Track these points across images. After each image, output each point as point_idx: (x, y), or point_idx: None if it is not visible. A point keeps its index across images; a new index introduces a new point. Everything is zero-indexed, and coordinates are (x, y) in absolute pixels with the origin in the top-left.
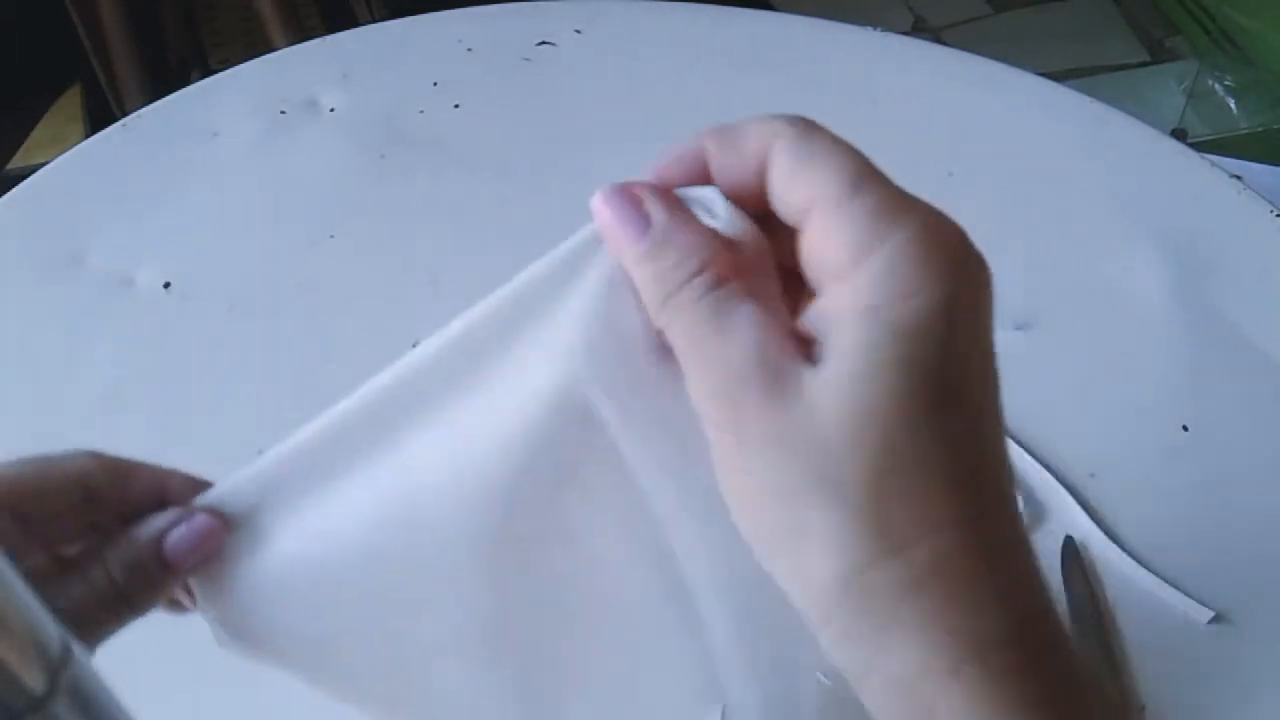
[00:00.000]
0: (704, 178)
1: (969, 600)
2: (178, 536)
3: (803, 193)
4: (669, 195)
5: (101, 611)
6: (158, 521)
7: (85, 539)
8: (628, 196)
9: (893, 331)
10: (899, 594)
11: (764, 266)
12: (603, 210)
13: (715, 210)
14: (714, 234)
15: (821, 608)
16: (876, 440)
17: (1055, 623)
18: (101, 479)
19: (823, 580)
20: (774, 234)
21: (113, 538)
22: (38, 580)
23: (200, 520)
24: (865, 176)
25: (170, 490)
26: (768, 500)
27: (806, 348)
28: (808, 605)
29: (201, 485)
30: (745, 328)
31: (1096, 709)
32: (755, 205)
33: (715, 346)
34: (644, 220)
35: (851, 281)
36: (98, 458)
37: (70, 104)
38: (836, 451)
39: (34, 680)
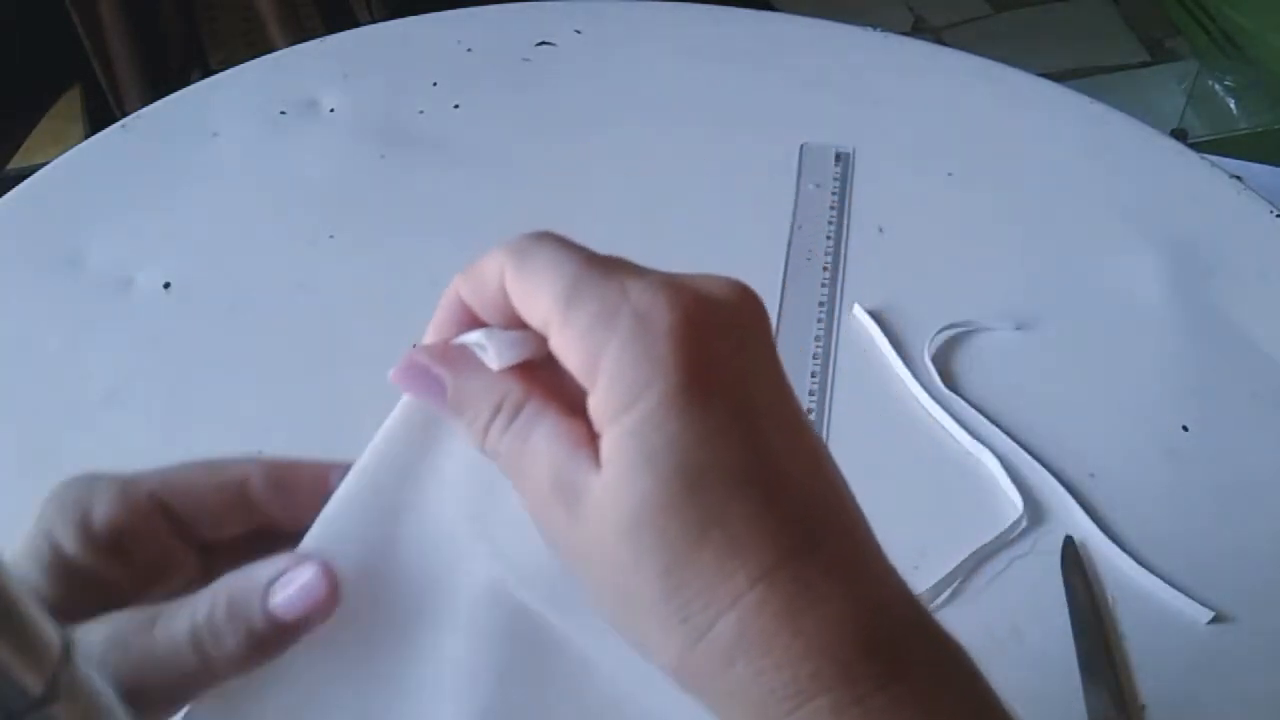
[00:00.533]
0: (472, 319)
1: (783, 655)
2: (283, 594)
3: (533, 319)
4: (448, 352)
5: (198, 665)
6: (273, 565)
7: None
8: (416, 368)
9: (633, 436)
10: (717, 673)
11: (552, 365)
12: (402, 385)
13: (486, 347)
14: (500, 375)
15: (678, 688)
16: (652, 538)
17: (917, 629)
18: (262, 480)
19: (662, 668)
20: None
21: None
22: (188, 582)
23: (307, 577)
24: (576, 288)
25: (334, 485)
26: (602, 601)
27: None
28: (672, 683)
29: None
30: (543, 449)
31: None
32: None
33: (524, 472)
34: (438, 384)
35: (595, 397)
36: (259, 461)
37: (70, 104)
38: (625, 559)
39: (33, 681)
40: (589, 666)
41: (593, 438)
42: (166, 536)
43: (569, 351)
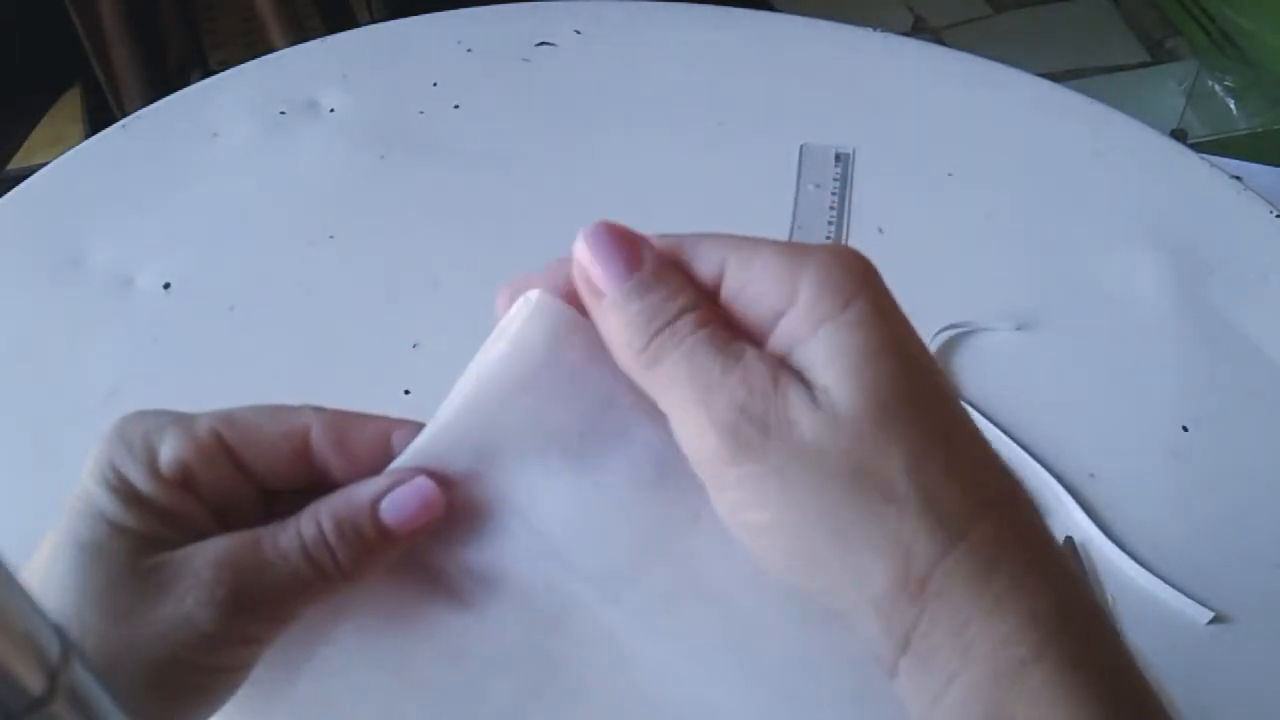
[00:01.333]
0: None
1: (1040, 578)
2: (395, 500)
3: (761, 309)
4: (651, 244)
5: (310, 571)
6: (375, 484)
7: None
8: (621, 233)
9: (860, 326)
10: (974, 583)
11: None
12: (591, 243)
13: None
14: (694, 278)
15: (886, 619)
16: (905, 428)
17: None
18: (323, 432)
19: (884, 589)
20: None
21: (328, 493)
22: (248, 524)
23: (420, 484)
24: (759, 241)
25: (396, 446)
26: (796, 526)
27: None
28: (867, 621)
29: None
30: (754, 361)
31: (1151, 697)
32: None
33: (725, 379)
34: (636, 257)
35: (795, 308)
36: (321, 412)
37: (70, 104)
38: (870, 454)
39: (33, 681)
40: (629, 662)
41: (781, 364)
42: (231, 477)
43: (763, 272)
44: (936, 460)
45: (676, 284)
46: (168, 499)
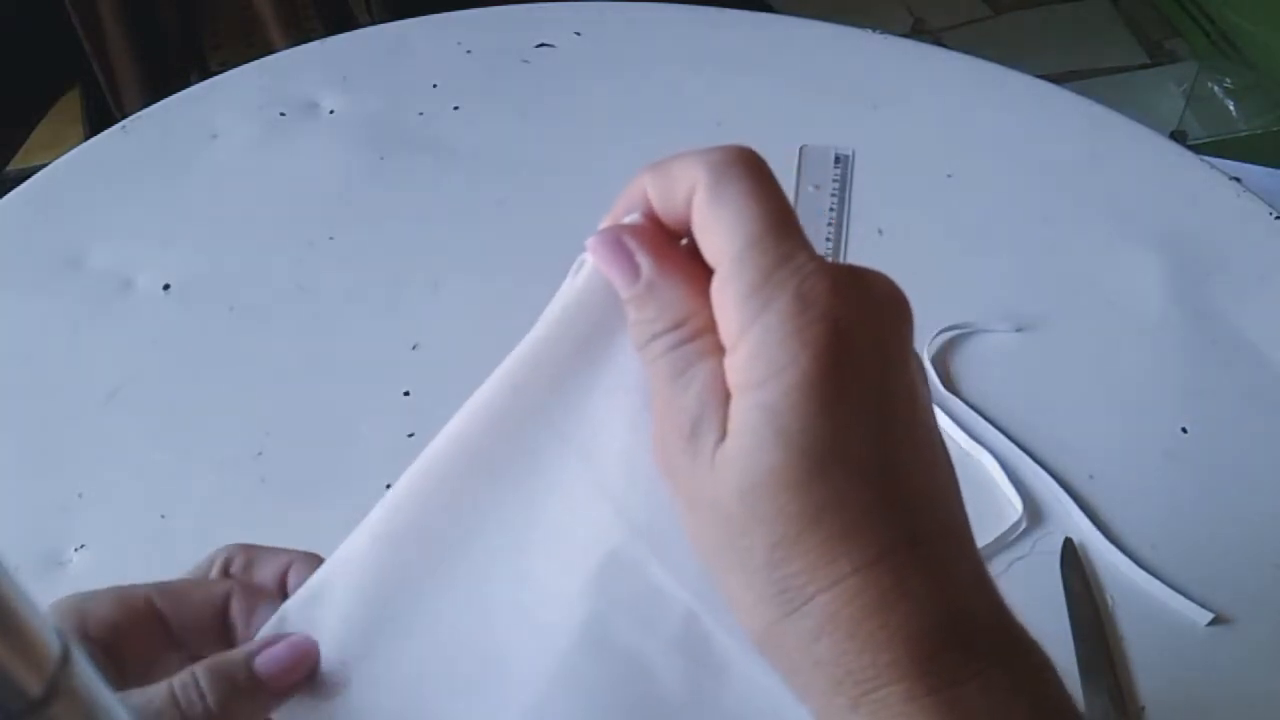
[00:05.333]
0: (651, 215)
1: (866, 641)
2: (269, 656)
3: (708, 252)
4: (659, 242)
5: (175, 714)
6: (252, 643)
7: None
8: (618, 245)
9: (767, 410)
10: (801, 645)
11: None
12: (595, 255)
13: None
14: (700, 287)
15: (753, 646)
16: (769, 509)
17: (994, 636)
18: (236, 606)
19: (745, 627)
20: None
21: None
22: (123, 686)
23: (295, 640)
24: (749, 249)
25: (291, 583)
26: (703, 548)
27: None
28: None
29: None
30: (696, 390)
31: None
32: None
33: (669, 400)
34: (633, 270)
35: (734, 359)
36: (238, 583)
37: (70, 105)
38: (739, 521)
39: (32, 683)
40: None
41: (728, 395)
42: (158, 641)
43: (723, 308)
44: (794, 542)
45: (666, 300)
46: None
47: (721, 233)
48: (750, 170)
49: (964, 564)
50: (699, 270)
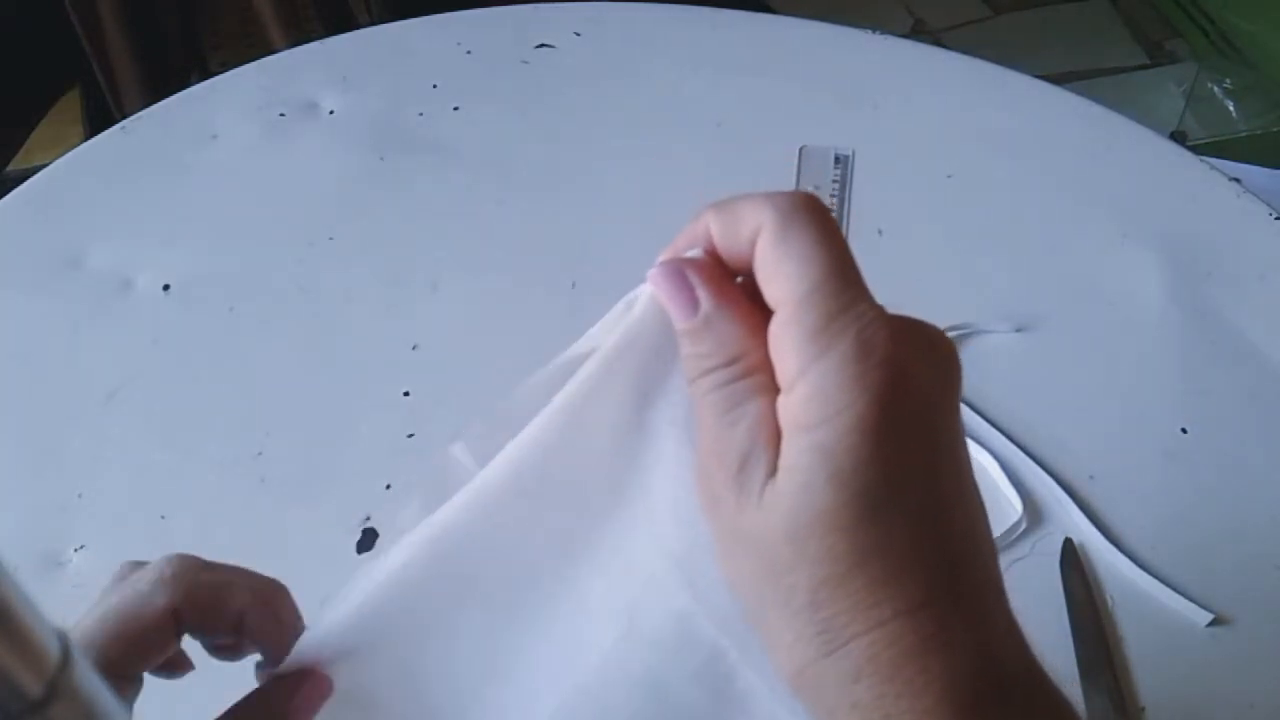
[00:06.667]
0: (713, 254)
1: (905, 686)
2: (302, 701)
3: (770, 294)
4: (719, 278)
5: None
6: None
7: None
8: (679, 277)
9: (822, 452)
10: (839, 686)
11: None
12: (655, 285)
13: None
14: (756, 326)
15: (786, 686)
16: (817, 550)
17: (1027, 687)
18: (190, 614)
19: (780, 666)
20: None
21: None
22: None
23: (318, 682)
24: (820, 284)
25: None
26: (741, 584)
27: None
28: (780, 680)
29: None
30: (744, 427)
31: None
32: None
33: (717, 435)
34: (692, 303)
35: (790, 398)
36: (185, 598)
37: (70, 106)
38: (785, 559)
39: (32, 684)
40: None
41: (779, 434)
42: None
43: (782, 349)
44: (838, 583)
45: (723, 336)
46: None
47: (785, 276)
48: (815, 217)
49: (1000, 617)
50: (756, 309)
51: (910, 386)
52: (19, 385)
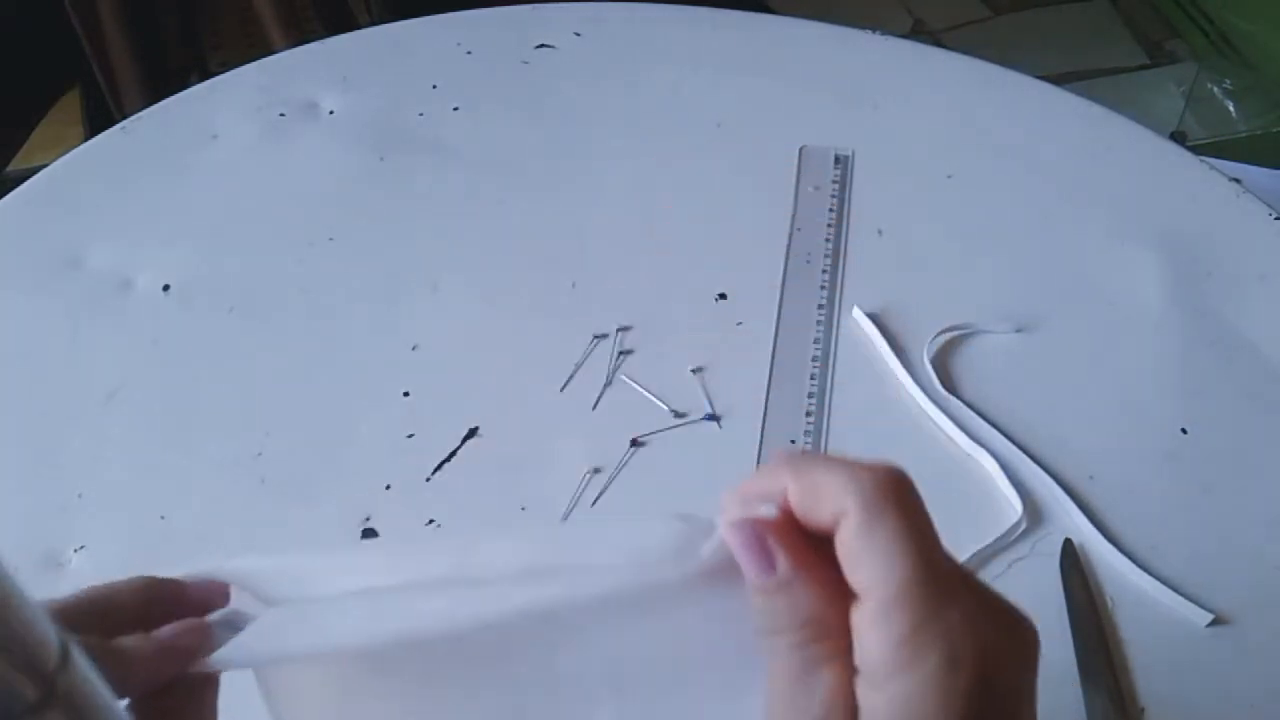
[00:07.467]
0: (789, 518)
1: None
2: (168, 627)
3: (855, 581)
4: (797, 541)
5: None
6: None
7: None
8: (756, 536)
9: (917, 696)
10: None
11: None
12: (732, 540)
13: None
14: (833, 590)
15: None
16: None
17: None
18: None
19: None
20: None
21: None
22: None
23: (192, 620)
24: (907, 587)
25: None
26: None
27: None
28: None
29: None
30: (822, 694)
31: None
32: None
33: (791, 698)
34: (770, 564)
35: (876, 695)
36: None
37: (70, 106)
38: None
39: (29, 686)
40: None
41: (854, 708)
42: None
43: (867, 642)
44: None
45: (800, 598)
46: None
47: (871, 570)
48: (902, 506)
49: None
50: (832, 573)
51: (995, 692)
52: (19, 385)
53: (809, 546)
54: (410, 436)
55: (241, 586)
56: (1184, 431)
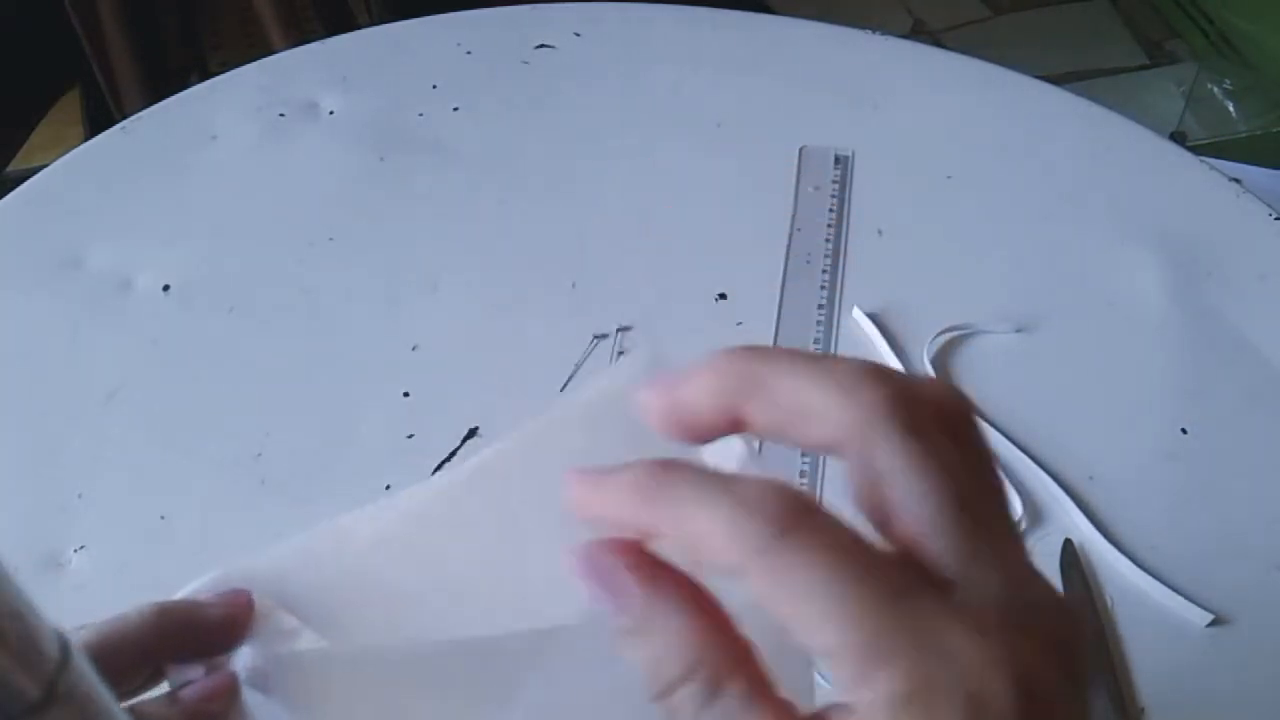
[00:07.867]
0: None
1: None
2: (192, 690)
3: (811, 644)
4: (647, 563)
5: None
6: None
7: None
8: (601, 564)
9: None
10: None
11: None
12: (585, 582)
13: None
14: (705, 619)
15: None
16: None
17: None
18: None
19: None
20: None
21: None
22: None
23: (218, 678)
24: (879, 640)
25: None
26: None
27: None
28: None
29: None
30: None
31: None
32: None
33: None
34: (627, 597)
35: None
36: (162, 623)
37: (70, 106)
38: None
39: (30, 686)
40: None
41: None
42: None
43: (838, 643)
44: None
45: (673, 633)
46: None
47: (825, 621)
48: (813, 525)
49: None
50: (697, 594)
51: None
52: (19, 385)
53: (669, 573)
54: (410, 437)
55: (261, 590)
56: (1184, 432)
